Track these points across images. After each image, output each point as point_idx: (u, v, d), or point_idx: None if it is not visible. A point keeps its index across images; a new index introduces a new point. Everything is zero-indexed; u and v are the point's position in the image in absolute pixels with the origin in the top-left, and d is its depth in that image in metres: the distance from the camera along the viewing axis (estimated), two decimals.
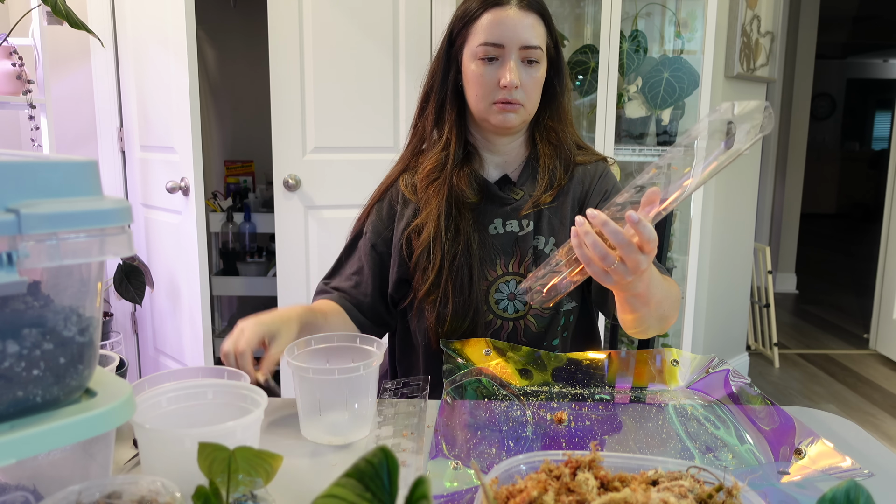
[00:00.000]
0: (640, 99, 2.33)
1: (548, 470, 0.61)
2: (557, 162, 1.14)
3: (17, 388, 0.51)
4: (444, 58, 1.13)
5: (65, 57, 2.40)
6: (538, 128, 1.16)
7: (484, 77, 1.06)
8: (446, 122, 1.13)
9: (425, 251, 1.10)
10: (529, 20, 1.05)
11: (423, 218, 1.11)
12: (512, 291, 1.12)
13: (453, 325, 1.10)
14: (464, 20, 1.09)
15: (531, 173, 1.15)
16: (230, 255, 3.06)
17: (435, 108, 1.14)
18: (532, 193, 1.14)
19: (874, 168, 8.95)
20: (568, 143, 1.16)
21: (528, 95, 1.07)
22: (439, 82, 1.13)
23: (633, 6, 2.35)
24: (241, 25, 3.45)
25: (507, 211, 1.13)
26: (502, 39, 1.04)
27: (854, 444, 0.88)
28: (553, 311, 1.13)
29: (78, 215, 0.51)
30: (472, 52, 1.07)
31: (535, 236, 1.13)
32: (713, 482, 0.60)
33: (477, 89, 1.07)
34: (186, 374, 0.80)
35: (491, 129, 1.11)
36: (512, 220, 1.13)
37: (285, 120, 2.30)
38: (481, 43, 1.05)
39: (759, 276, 3.59)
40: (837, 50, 8.68)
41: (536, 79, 1.08)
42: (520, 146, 1.17)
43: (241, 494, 0.61)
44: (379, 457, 0.45)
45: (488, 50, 1.05)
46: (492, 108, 1.07)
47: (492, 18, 1.05)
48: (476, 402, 0.96)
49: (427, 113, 1.16)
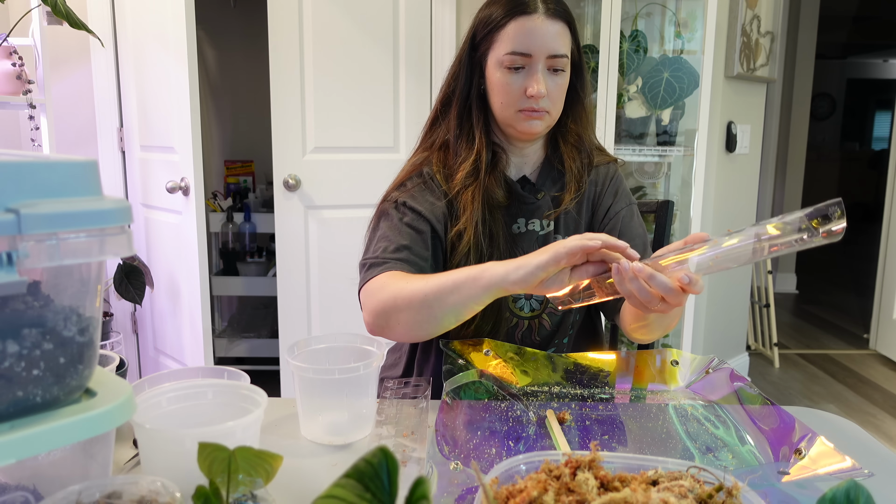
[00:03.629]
0: (640, 99, 2.33)
1: (548, 470, 0.61)
2: (580, 165, 1.15)
3: (17, 388, 0.51)
4: (467, 63, 1.11)
5: (65, 57, 2.40)
6: (560, 131, 1.16)
7: (511, 86, 1.05)
8: (475, 129, 1.11)
9: (464, 257, 1.08)
10: (556, 28, 1.04)
11: (462, 223, 1.09)
12: None
13: (480, 325, 1.10)
14: (488, 26, 1.07)
15: (549, 174, 1.16)
16: (230, 255, 3.07)
17: (458, 114, 1.13)
18: (551, 193, 1.15)
19: (874, 168, 8.95)
20: (590, 146, 1.17)
21: (554, 103, 1.07)
22: (462, 87, 1.12)
23: (633, 6, 2.35)
24: (241, 25, 3.45)
25: (529, 210, 1.14)
26: (530, 49, 1.03)
27: (854, 444, 0.88)
28: (566, 311, 1.15)
29: (78, 215, 0.51)
30: (498, 61, 1.05)
31: (555, 235, 1.15)
32: (713, 482, 0.60)
33: (503, 97, 1.07)
34: (186, 374, 0.80)
35: (515, 134, 1.11)
36: (534, 220, 1.15)
37: (285, 120, 2.30)
38: (508, 52, 1.04)
39: (758, 276, 3.59)
40: (837, 50, 8.67)
41: (561, 86, 1.07)
42: (539, 148, 1.18)
43: (241, 494, 0.61)
44: (379, 457, 0.45)
45: (515, 59, 1.04)
46: (518, 115, 1.07)
47: (519, 27, 1.03)
48: (476, 402, 0.96)
49: (449, 118, 1.14)
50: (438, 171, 1.13)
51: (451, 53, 2.47)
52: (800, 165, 4.71)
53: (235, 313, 3.43)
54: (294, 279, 2.40)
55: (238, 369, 0.82)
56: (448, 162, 1.14)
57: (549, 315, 1.15)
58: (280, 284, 2.39)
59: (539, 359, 1.04)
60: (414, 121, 2.44)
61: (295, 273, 2.40)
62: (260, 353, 3.03)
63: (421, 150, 1.19)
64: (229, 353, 3.02)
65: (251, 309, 3.44)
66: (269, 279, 2.99)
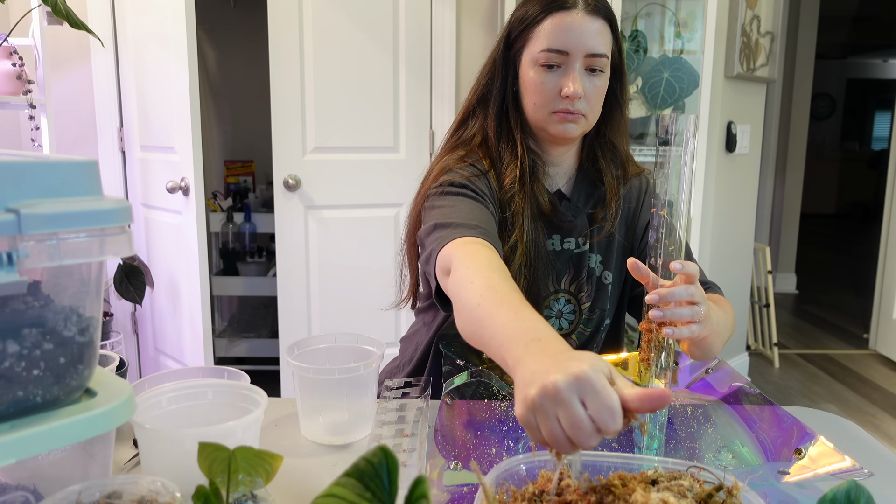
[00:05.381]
0: (640, 99, 2.33)
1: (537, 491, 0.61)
2: (613, 178, 1.09)
3: (17, 388, 0.51)
4: (502, 62, 1.05)
5: (65, 57, 2.40)
6: (599, 142, 1.10)
7: (545, 85, 0.99)
8: (515, 133, 1.05)
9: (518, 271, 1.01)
10: (596, 25, 0.98)
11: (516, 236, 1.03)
12: (560, 309, 1.09)
13: None
14: (524, 23, 1.01)
15: (583, 187, 1.11)
16: (230, 255, 3.07)
17: (496, 114, 1.06)
18: (587, 210, 1.10)
19: (874, 168, 8.96)
20: (623, 156, 1.11)
21: (591, 106, 1.00)
22: (498, 88, 1.05)
23: (633, 6, 2.35)
24: (241, 25, 3.45)
25: (567, 228, 1.08)
26: (567, 46, 0.97)
27: (854, 444, 0.88)
28: (594, 331, 1.11)
29: (78, 215, 0.51)
30: (533, 58, 0.99)
31: (589, 254, 1.09)
32: (713, 482, 0.60)
33: (536, 97, 1.00)
34: (186, 374, 0.80)
35: (548, 138, 1.05)
36: (570, 239, 1.09)
37: (285, 120, 2.30)
38: (543, 49, 0.98)
39: (758, 276, 3.59)
40: (837, 50, 8.68)
41: (600, 88, 1.01)
42: (572, 156, 1.11)
43: (241, 494, 0.61)
44: (379, 456, 0.45)
45: (551, 56, 0.98)
46: (551, 117, 1.00)
47: (556, 23, 0.97)
48: (476, 402, 0.96)
49: (486, 119, 1.07)
50: (490, 169, 1.05)
51: (451, 54, 2.47)
52: (800, 165, 4.71)
53: (235, 313, 3.43)
54: (294, 279, 2.40)
55: (238, 369, 0.82)
56: (494, 163, 1.06)
57: (578, 335, 1.11)
58: (280, 284, 2.39)
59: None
60: (414, 121, 2.44)
61: (295, 273, 2.40)
62: (260, 353, 3.03)
63: (452, 145, 1.11)
64: (229, 353, 3.02)
65: (251, 309, 3.44)
66: (269, 279, 2.99)
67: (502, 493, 0.60)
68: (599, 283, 1.10)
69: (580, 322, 1.11)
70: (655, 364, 0.82)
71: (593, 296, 1.10)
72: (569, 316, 1.10)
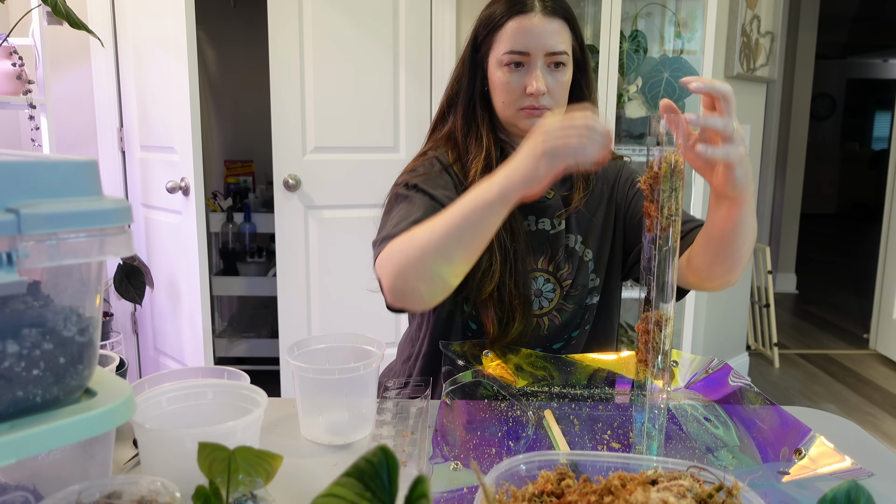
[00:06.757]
0: (640, 99, 2.33)
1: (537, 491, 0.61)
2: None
3: (17, 388, 0.51)
4: (470, 64, 1.12)
5: (65, 57, 2.40)
6: None
7: (510, 84, 1.06)
8: (482, 129, 1.12)
9: (486, 253, 1.05)
10: (554, 26, 1.05)
11: None
12: (539, 288, 1.14)
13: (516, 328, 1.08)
14: (488, 27, 1.09)
15: None
16: (230, 255, 3.07)
17: (463, 114, 1.14)
18: (561, 193, 1.15)
19: (874, 168, 8.96)
20: None
21: (556, 100, 1.08)
22: (466, 88, 1.13)
23: (633, 6, 2.35)
24: (241, 25, 3.45)
25: (540, 209, 1.14)
26: (527, 47, 1.04)
27: (854, 444, 0.88)
28: (577, 307, 1.15)
29: (78, 215, 0.51)
30: (498, 60, 1.07)
31: (566, 234, 1.15)
32: (713, 482, 0.60)
33: (504, 96, 1.08)
34: (186, 374, 0.80)
35: (519, 133, 1.11)
36: (544, 219, 1.15)
37: (285, 120, 2.30)
38: (507, 51, 1.05)
39: (759, 276, 3.59)
40: (837, 50, 8.68)
41: (563, 83, 1.08)
42: None
43: (241, 494, 0.61)
44: (379, 456, 0.45)
45: (513, 58, 1.05)
46: (519, 114, 1.08)
47: (516, 26, 1.05)
48: (476, 403, 0.96)
49: (456, 118, 1.15)
50: (455, 161, 1.13)
51: (451, 53, 2.47)
52: (800, 165, 4.71)
53: (235, 313, 3.43)
54: (294, 279, 2.40)
55: (238, 369, 0.82)
56: (461, 156, 1.14)
57: (560, 311, 1.15)
58: (280, 284, 2.39)
59: (539, 359, 1.04)
60: (414, 121, 2.44)
61: (295, 273, 2.40)
62: (260, 353, 3.03)
63: (428, 146, 1.19)
64: (229, 353, 3.02)
65: (251, 309, 3.44)
66: (269, 279, 2.99)
67: (502, 494, 0.60)
68: (581, 262, 1.15)
69: (561, 298, 1.15)
70: (653, 365, 0.82)
71: (574, 274, 1.15)
72: (549, 294, 1.14)
